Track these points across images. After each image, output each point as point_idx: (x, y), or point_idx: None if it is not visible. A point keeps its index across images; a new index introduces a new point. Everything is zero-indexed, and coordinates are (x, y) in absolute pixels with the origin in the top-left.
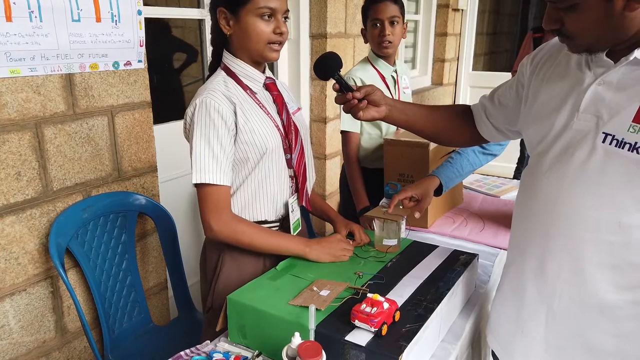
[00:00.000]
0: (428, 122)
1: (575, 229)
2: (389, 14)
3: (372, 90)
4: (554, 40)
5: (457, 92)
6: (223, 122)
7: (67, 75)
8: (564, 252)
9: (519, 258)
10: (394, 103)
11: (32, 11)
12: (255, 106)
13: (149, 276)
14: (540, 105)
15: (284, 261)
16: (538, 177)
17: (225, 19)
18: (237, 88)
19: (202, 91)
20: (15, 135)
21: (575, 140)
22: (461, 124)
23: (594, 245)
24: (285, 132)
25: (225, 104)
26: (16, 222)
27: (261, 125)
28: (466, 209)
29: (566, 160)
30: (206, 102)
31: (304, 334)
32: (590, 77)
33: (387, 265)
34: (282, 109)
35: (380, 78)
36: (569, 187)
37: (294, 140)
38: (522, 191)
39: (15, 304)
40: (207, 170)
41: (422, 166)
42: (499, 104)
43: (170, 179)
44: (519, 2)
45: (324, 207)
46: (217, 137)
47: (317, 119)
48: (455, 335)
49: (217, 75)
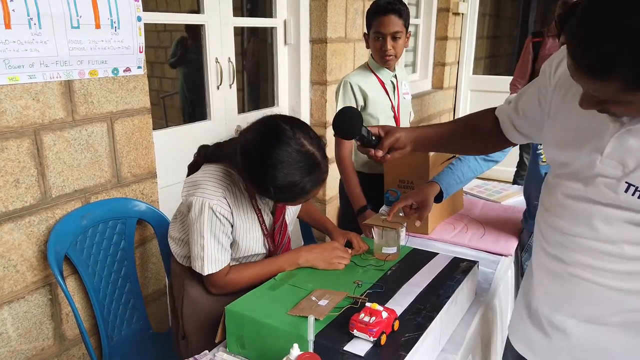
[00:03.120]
0: (456, 142)
1: (590, 255)
2: (392, 29)
3: (394, 140)
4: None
5: (457, 96)
6: (228, 222)
7: (66, 82)
8: (582, 277)
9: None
10: (417, 136)
11: (31, 18)
12: (252, 214)
13: (148, 283)
14: (560, 132)
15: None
16: (560, 201)
17: (245, 181)
18: (243, 193)
19: (210, 188)
20: (14, 142)
21: (595, 183)
22: (490, 134)
23: (609, 272)
24: (272, 235)
25: (229, 210)
26: (15, 230)
27: (248, 235)
28: (466, 215)
29: (585, 199)
30: (214, 209)
31: (302, 344)
32: (616, 121)
33: (386, 274)
34: (278, 218)
35: (379, 84)
36: (587, 219)
37: (281, 240)
38: (545, 202)
39: (13, 311)
40: (217, 261)
41: (422, 172)
42: (524, 114)
43: (169, 185)
44: (519, 6)
45: (321, 219)
46: (224, 232)
47: (317, 124)
48: (456, 344)
49: (231, 170)
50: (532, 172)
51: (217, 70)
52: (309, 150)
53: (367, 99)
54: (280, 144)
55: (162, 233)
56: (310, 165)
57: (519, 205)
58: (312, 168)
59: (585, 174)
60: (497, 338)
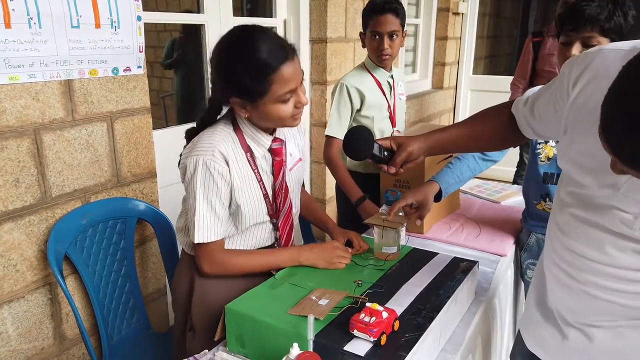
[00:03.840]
0: (471, 143)
1: (603, 278)
2: (389, 29)
3: (407, 155)
4: (601, 63)
5: (457, 96)
6: (225, 183)
7: (66, 81)
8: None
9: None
10: (430, 146)
11: (31, 17)
12: (250, 172)
13: (148, 282)
14: (578, 154)
15: (283, 270)
16: (571, 222)
17: (240, 106)
18: (239, 149)
19: (203, 145)
20: (14, 141)
21: (611, 214)
22: (508, 131)
23: (624, 292)
24: (274, 197)
25: (226, 166)
26: (15, 229)
27: (248, 194)
28: (463, 215)
29: (598, 225)
30: (209, 165)
31: (302, 344)
32: None
33: (386, 273)
34: (277, 175)
35: (376, 84)
36: (599, 245)
37: (282, 202)
38: (556, 216)
39: (13, 310)
40: (209, 230)
41: (418, 172)
42: (540, 118)
43: (169, 184)
44: (519, 6)
45: (322, 218)
46: (219, 197)
47: (317, 124)
48: (456, 344)
49: (224, 129)
50: (531, 172)
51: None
52: (271, 31)
53: (364, 99)
54: (243, 35)
55: (162, 232)
56: (274, 37)
57: (518, 205)
58: (277, 39)
59: (600, 201)
60: (497, 338)
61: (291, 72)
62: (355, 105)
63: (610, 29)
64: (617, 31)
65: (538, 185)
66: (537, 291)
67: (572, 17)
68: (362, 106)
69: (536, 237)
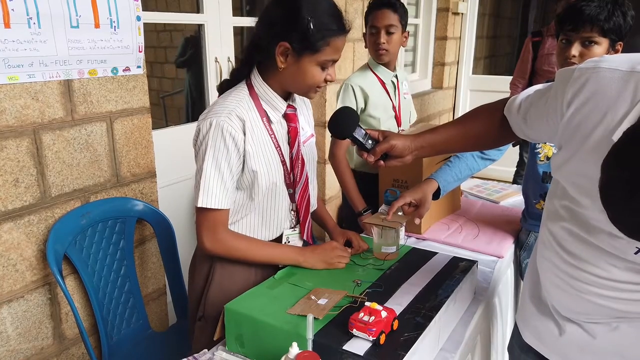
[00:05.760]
0: (463, 143)
1: (601, 288)
2: (386, 22)
3: (389, 147)
4: (597, 83)
5: (457, 96)
6: (236, 149)
7: (66, 81)
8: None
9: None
10: (419, 146)
11: (31, 17)
12: (266, 137)
13: (148, 282)
14: (572, 172)
15: (282, 270)
16: (564, 236)
17: (283, 55)
18: (255, 113)
19: (219, 108)
20: (14, 141)
21: (604, 237)
22: (499, 132)
23: (624, 299)
24: (291, 166)
25: (240, 131)
26: (14, 229)
27: (265, 160)
28: (462, 216)
29: (592, 245)
30: (222, 127)
31: (302, 344)
32: None
33: (385, 273)
34: (293, 142)
35: (380, 84)
36: (595, 260)
37: (299, 173)
38: (549, 224)
39: (12, 310)
40: (214, 195)
41: (416, 172)
42: (533, 127)
43: (169, 184)
44: (519, 6)
45: (323, 216)
46: (228, 162)
47: (317, 123)
48: (455, 343)
49: (240, 92)
50: (530, 171)
51: (216, 70)
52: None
53: (368, 99)
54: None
55: (161, 232)
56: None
57: (518, 205)
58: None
59: (596, 224)
60: (497, 337)
61: (342, 45)
62: (360, 104)
63: (610, 29)
64: (616, 31)
65: (537, 185)
66: (531, 285)
67: (572, 17)
68: (366, 105)
69: (536, 237)
